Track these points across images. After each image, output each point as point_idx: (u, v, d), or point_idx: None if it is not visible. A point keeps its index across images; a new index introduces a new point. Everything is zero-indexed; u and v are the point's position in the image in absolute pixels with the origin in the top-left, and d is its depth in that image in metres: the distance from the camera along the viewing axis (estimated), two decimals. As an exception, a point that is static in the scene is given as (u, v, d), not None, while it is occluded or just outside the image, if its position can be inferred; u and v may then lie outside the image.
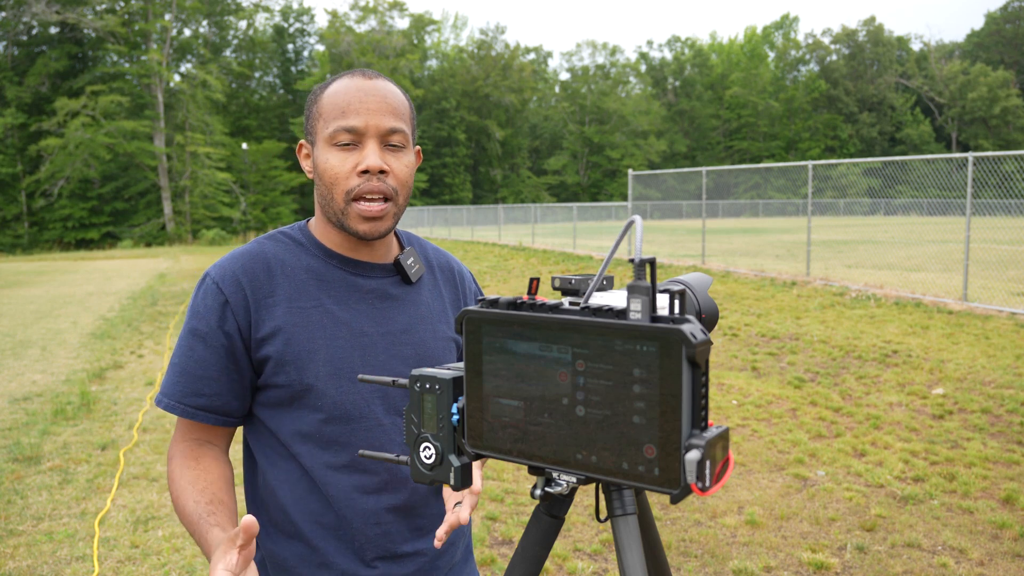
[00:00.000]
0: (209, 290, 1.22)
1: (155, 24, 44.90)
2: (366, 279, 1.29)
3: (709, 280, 1.06)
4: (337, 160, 1.21)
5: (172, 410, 1.22)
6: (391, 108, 1.22)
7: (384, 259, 1.32)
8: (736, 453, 5.02)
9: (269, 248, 1.27)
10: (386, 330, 1.27)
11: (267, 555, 1.28)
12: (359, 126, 1.20)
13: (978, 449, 4.96)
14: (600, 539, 3.78)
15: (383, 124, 1.21)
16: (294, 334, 1.21)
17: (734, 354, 7.83)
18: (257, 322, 1.21)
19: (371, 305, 1.28)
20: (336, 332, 1.23)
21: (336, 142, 1.20)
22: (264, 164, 48.67)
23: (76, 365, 8.09)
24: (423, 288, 1.35)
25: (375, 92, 1.22)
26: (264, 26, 57.90)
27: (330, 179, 1.21)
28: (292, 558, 1.25)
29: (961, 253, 11.06)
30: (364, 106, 1.20)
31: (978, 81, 63.51)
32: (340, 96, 1.21)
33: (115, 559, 3.64)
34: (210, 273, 1.24)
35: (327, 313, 1.24)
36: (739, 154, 66.52)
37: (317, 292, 1.25)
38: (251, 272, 1.23)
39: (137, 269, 22.38)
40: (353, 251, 1.29)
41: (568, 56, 74.23)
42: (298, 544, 1.24)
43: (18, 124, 41.89)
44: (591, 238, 25.45)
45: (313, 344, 1.22)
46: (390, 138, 1.22)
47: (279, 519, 1.26)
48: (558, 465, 0.82)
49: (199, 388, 1.21)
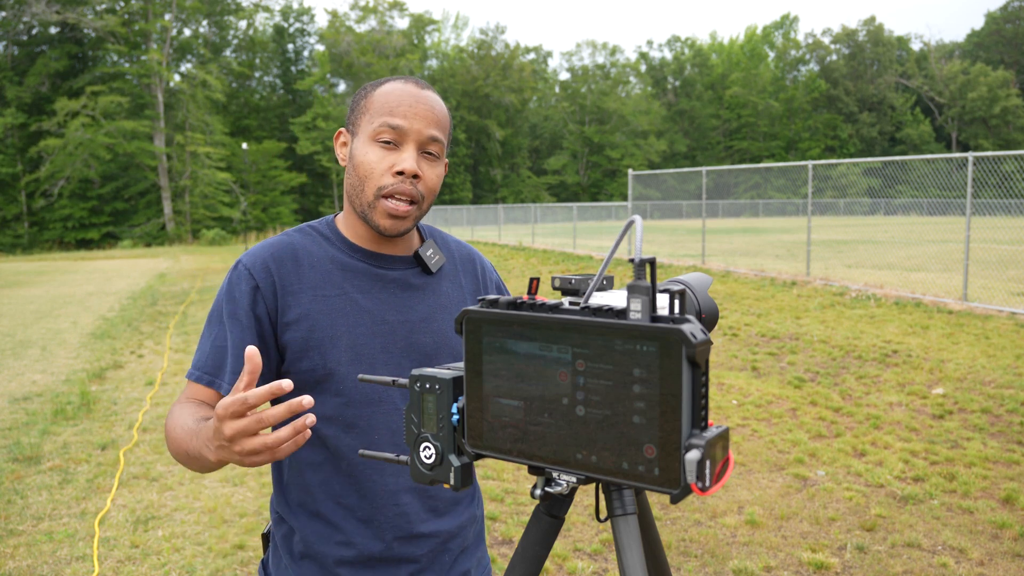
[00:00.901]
0: (241, 275, 1.29)
1: (155, 24, 44.90)
2: (388, 270, 1.34)
3: (709, 280, 1.07)
4: (376, 156, 1.27)
5: (200, 381, 1.27)
6: (435, 119, 1.29)
7: (405, 253, 1.38)
8: (736, 453, 5.02)
9: (297, 239, 1.33)
10: (406, 318, 1.32)
11: (291, 533, 1.34)
12: (404, 126, 1.26)
13: (978, 449, 4.96)
14: (600, 539, 3.78)
15: (425, 132, 1.27)
16: (318, 320, 1.27)
17: (734, 354, 7.83)
18: (284, 307, 1.27)
19: (393, 294, 1.33)
20: (358, 319, 1.29)
21: (378, 138, 1.26)
22: (264, 164, 48.65)
23: (76, 365, 8.09)
24: (443, 278, 1.41)
25: (424, 100, 1.28)
26: (264, 26, 57.92)
27: (365, 172, 1.27)
28: (314, 536, 1.31)
29: (961, 253, 11.06)
30: (412, 111, 1.26)
31: (978, 81, 63.49)
32: (392, 96, 1.28)
33: (115, 559, 3.64)
34: (242, 260, 1.31)
35: (350, 301, 1.30)
36: (739, 154, 66.51)
37: (341, 281, 1.31)
38: (280, 260, 1.29)
39: (137, 269, 22.38)
40: (376, 245, 1.35)
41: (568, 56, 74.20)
42: (320, 523, 1.30)
43: (18, 124, 41.88)
44: (591, 238, 25.45)
45: (336, 330, 1.27)
46: (428, 146, 1.28)
47: (303, 499, 1.32)
48: (558, 465, 0.82)
49: (228, 364, 1.27)
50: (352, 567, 1.30)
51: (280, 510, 1.36)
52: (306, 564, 1.32)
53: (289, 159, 50.99)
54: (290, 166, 50.91)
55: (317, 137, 49.85)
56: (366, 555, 1.30)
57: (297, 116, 52.62)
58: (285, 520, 1.34)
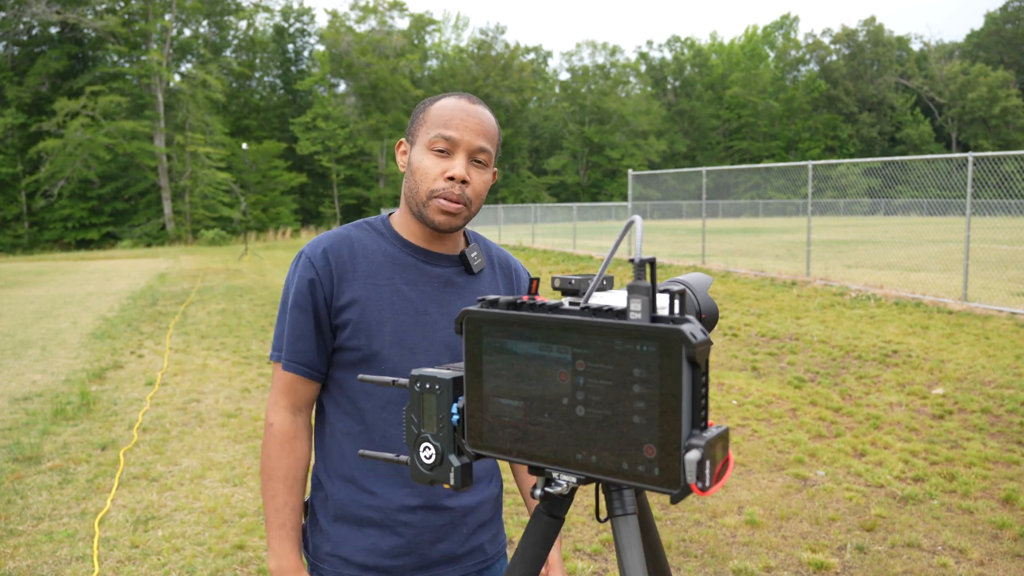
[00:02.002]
0: (304, 264, 1.45)
1: (155, 24, 44.86)
2: (434, 267, 1.49)
3: (709, 280, 1.07)
4: (431, 163, 1.42)
5: (277, 360, 1.46)
6: (484, 131, 1.44)
7: (452, 252, 1.53)
8: (736, 453, 5.02)
9: (354, 233, 1.50)
10: (446, 311, 1.47)
11: (327, 497, 1.49)
12: (456, 137, 1.41)
13: (978, 449, 4.96)
14: (600, 539, 3.78)
15: (474, 142, 1.42)
16: (367, 306, 1.43)
17: (734, 354, 7.83)
18: (339, 293, 1.43)
19: (436, 289, 1.48)
20: (403, 308, 1.44)
21: (433, 147, 1.41)
22: (264, 164, 48.61)
23: (76, 365, 8.09)
24: (483, 279, 1.56)
25: (476, 115, 1.43)
26: (264, 26, 57.88)
27: (421, 176, 1.42)
28: (347, 499, 1.46)
29: (961, 253, 11.06)
30: (464, 124, 1.41)
31: (978, 81, 63.46)
32: (447, 111, 1.43)
33: (115, 559, 3.64)
34: (304, 251, 1.47)
35: (397, 291, 1.45)
36: (739, 154, 66.49)
37: (391, 273, 1.46)
38: (337, 250, 1.45)
39: (137, 269, 22.37)
40: (426, 243, 1.50)
41: (568, 56, 74.16)
42: (354, 488, 1.46)
43: (18, 124, 41.83)
44: (591, 238, 25.45)
45: (382, 316, 1.43)
46: (477, 155, 1.43)
47: (340, 466, 1.47)
48: (558, 465, 0.82)
49: (299, 347, 1.44)
50: (380, 529, 1.45)
51: (319, 475, 1.51)
52: (339, 526, 1.47)
53: (289, 159, 50.96)
54: (290, 166, 50.87)
55: (317, 137, 49.83)
56: (392, 519, 1.44)
57: (297, 116, 52.59)
58: (323, 485, 1.50)
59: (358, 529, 1.45)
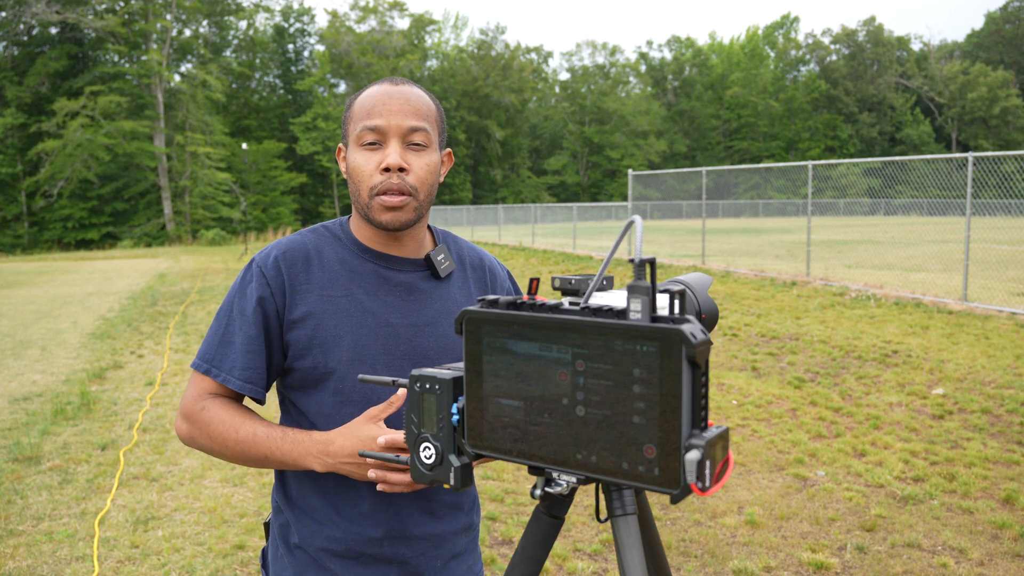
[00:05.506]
0: (253, 273, 1.33)
1: (155, 24, 44.84)
2: (396, 273, 1.36)
3: (709, 280, 1.07)
4: (363, 159, 1.30)
5: (208, 373, 1.32)
6: (413, 109, 1.30)
7: (415, 255, 1.40)
8: (736, 453, 5.02)
9: (309, 240, 1.37)
10: (411, 322, 1.34)
11: (287, 524, 1.39)
12: (382, 125, 1.28)
13: (978, 449, 4.96)
14: (600, 539, 3.78)
15: (404, 124, 1.29)
16: (323, 320, 1.31)
17: (734, 354, 7.83)
18: (291, 305, 1.31)
19: (399, 297, 1.35)
20: (362, 320, 1.32)
21: (362, 142, 1.30)
22: (264, 164, 48.61)
23: (76, 365, 8.08)
24: (452, 284, 1.42)
25: (398, 95, 1.30)
26: (264, 26, 57.86)
27: (357, 177, 1.31)
28: (307, 528, 1.36)
29: (961, 253, 11.06)
30: (387, 108, 1.29)
31: (978, 81, 63.46)
32: (368, 100, 1.31)
33: (115, 559, 3.64)
34: (255, 259, 1.35)
35: (355, 302, 1.32)
36: (739, 154, 66.48)
37: (348, 283, 1.34)
38: (290, 259, 1.33)
39: (137, 269, 22.37)
40: (385, 246, 1.37)
41: (568, 56, 74.22)
42: (314, 516, 1.35)
43: (18, 124, 41.83)
44: (591, 238, 25.44)
45: (339, 330, 1.30)
46: (411, 137, 1.29)
47: (300, 492, 1.36)
48: (558, 465, 0.82)
49: (233, 358, 1.31)
50: (342, 560, 1.33)
51: (279, 501, 1.40)
52: (299, 555, 1.36)
53: (289, 159, 50.95)
54: (290, 166, 50.87)
55: (317, 137, 49.81)
56: (356, 551, 1.33)
57: (297, 116, 52.57)
58: (283, 511, 1.39)
59: (318, 562, 1.35)
